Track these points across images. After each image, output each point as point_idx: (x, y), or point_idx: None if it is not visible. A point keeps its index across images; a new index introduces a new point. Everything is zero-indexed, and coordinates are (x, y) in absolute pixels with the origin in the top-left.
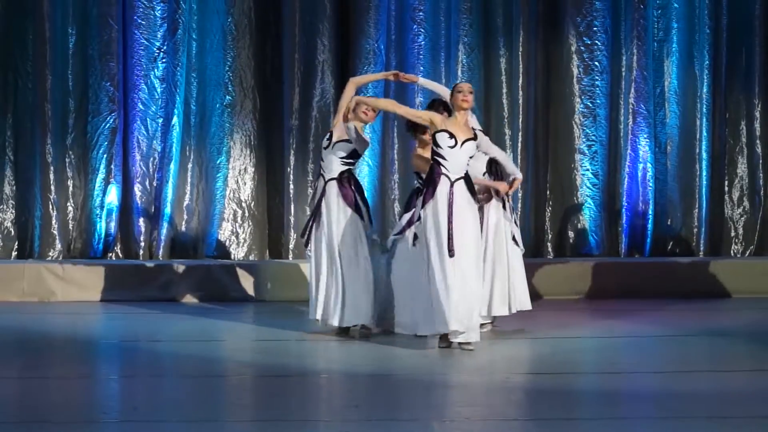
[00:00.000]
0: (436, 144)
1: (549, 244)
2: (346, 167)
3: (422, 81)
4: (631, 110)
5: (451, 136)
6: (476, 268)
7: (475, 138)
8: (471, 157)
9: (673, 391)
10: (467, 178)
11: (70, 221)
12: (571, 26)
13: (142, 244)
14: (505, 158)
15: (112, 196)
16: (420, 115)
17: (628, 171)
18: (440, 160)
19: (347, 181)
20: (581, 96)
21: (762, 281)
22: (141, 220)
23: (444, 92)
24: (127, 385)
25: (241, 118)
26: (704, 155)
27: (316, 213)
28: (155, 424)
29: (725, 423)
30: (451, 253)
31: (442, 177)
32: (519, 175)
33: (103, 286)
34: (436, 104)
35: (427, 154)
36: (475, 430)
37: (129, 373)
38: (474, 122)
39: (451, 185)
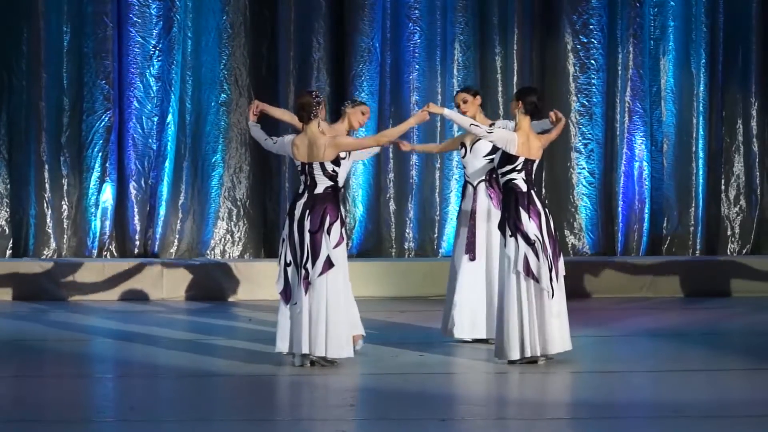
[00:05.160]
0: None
1: None
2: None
3: (447, 113)
4: (627, 108)
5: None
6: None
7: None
8: None
9: (667, 390)
10: None
11: (64, 220)
12: (567, 24)
13: (137, 242)
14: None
15: (107, 195)
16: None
17: (625, 169)
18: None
19: None
20: (577, 94)
21: (759, 280)
22: (136, 218)
23: (464, 123)
24: (123, 385)
25: (237, 117)
26: (701, 154)
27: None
28: (151, 423)
29: (719, 422)
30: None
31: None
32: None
33: (98, 284)
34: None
35: None
36: (472, 429)
37: (124, 373)
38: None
39: None
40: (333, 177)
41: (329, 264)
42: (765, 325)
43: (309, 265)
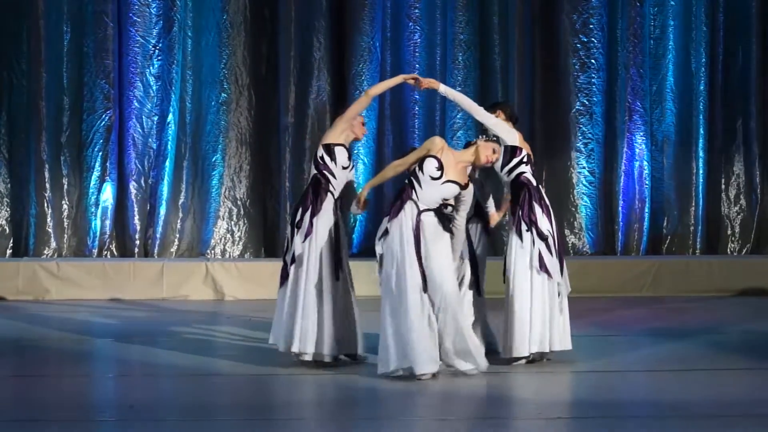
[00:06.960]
0: (420, 168)
1: None
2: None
3: (443, 89)
4: (627, 108)
5: (440, 167)
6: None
7: (465, 187)
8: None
9: (667, 390)
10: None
11: (65, 219)
12: (567, 23)
13: (137, 242)
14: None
15: (107, 194)
16: (418, 155)
17: (625, 169)
18: (415, 184)
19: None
20: (577, 93)
21: (759, 280)
22: (136, 218)
23: (463, 102)
24: (123, 384)
25: (237, 116)
26: (701, 153)
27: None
28: (151, 422)
29: (720, 422)
30: (425, 288)
31: (410, 203)
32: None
33: (98, 284)
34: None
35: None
36: (472, 428)
37: (124, 372)
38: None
39: (419, 214)
40: (318, 165)
41: (292, 257)
42: (765, 324)
43: (287, 257)
